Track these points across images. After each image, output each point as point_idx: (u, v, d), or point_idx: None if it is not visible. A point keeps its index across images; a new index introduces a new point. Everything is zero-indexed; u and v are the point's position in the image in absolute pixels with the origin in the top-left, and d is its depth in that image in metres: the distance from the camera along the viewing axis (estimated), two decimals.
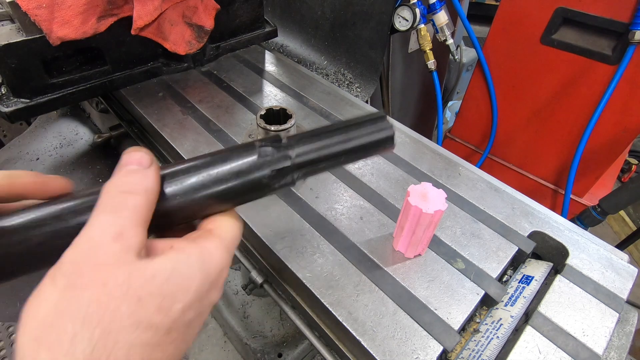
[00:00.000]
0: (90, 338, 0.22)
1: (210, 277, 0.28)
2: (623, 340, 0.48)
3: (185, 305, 0.26)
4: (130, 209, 0.27)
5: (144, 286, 0.24)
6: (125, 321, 0.23)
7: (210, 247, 0.29)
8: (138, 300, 0.24)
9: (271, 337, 1.29)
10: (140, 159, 0.29)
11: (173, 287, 0.26)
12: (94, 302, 0.23)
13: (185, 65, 0.86)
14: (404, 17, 1.01)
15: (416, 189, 0.46)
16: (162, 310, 0.25)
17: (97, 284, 0.23)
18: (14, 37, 0.64)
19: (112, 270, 0.24)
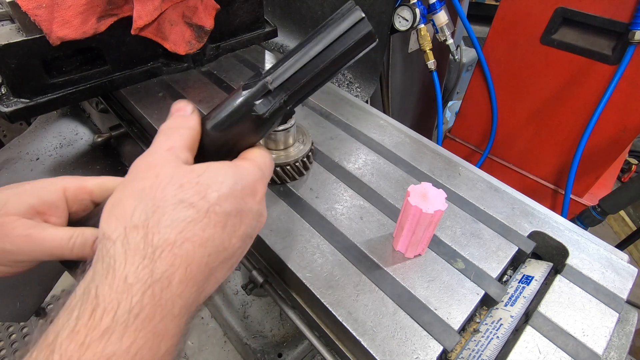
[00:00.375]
0: (145, 210, 0.30)
1: (243, 182, 0.34)
2: (623, 340, 0.48)
3: (220, 195, 0.32)
4: (179, 136, 0.35)
5: (185, 176, 0.32)
6: (171, 199, 0.30)
7: (242, 163, 0.36)
8: (180, 186, 0.31)
9: (271, 337, 1.29)
10: (184, 107, 0.38)
11: (208, 180, 0.32)
12: (148, 187, 0.31)
13: (185, 65, 0.86)
14: (404, 17, 1.01)
15: (416, 189, 0.46)
16: (200, 194, 0.31)
17: (151, 175, 0.32)
18: (14, 37, 0.64)
19: (162, 167, 0.32)
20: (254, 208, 0.35)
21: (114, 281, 0.27)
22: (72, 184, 0.43)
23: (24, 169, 0.72)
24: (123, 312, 0.26)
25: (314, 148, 0.65)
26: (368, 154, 0.68)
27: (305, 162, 0.62)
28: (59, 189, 0.42)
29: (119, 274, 0.27)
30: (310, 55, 0.36)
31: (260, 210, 0.37)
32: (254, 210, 0.35)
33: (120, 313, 0.26)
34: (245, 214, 0.34)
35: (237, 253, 0.35)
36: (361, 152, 0.69)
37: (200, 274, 0.31)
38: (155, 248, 0.28)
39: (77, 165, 0.75)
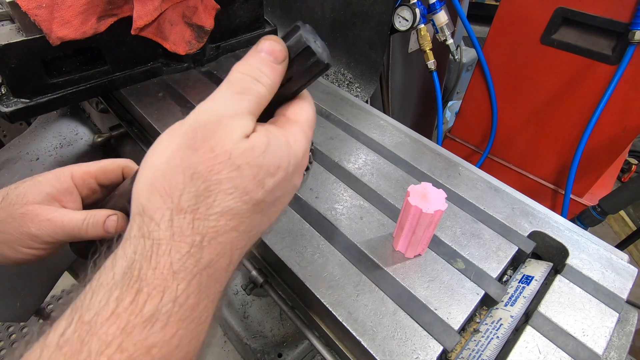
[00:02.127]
0: (196, 192, 0.26)
1: (297, 159, 0.31)
2: (623, 340, 0.48)
3: (276, 181, 0.29)
4: (253, 95, 0.29)
5: (244, 155, 0.27)
6: (225, 185, 0.27)
7: (293, 131, 0.31)
8: (237, 168, 0.27)
9: (271, 337, 1.29)
10: (278, 53, 0.30)
11: (267, 162, 0.28)
12: (202, 163, 0.27)
13: (185, 65, 0.86)
14: (404, 17, 1.01)
15: (416, 189, 0.46)
16: (256, 181, 0.28)
17: (207, 148, 0.27)
18: (14, 37, 0.64)
19: (220, 139, 0.27)
20: (298, 184, 0.33)
21: (158, 266, 0.25)
22: (78, 170, 0.47)
23: (24, 169, 0.72)
24: (168, 301, 0.25)
25: (314, 148, 0.64)
26: (368, 154, 0.68)
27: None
28: (68, 176, 0.46)
29: (163, 259, 0.26)
30: None
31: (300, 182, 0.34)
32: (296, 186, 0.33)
33: (165, 301, 0.25)
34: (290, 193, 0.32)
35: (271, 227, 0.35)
36: (361, 152, 0.69)
37: (239, 258, 0.30)
38: (204, 236, 0.27)
39: None
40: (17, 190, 0.44)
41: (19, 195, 0.43)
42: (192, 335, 0.26)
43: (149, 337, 0.24)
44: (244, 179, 0.27)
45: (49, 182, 0.45)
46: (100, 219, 0.44)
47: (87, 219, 0.43)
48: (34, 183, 0.45)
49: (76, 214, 0.44)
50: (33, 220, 0.42)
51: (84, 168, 0.47)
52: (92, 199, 0.49)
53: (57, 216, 0.43)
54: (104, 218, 0.44)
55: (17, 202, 0.43)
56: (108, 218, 0.44)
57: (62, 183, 0.45)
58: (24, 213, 0.42)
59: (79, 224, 0.43)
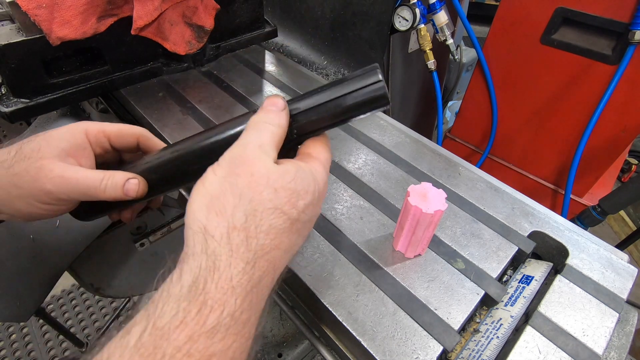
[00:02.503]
0: (245, 210, 0.30)
1: (319, 188, 0.36)
2: (623, 340, 0.48)
3: (306, 203, 0.33)
4: (269, 132, 0.35)
5: (278, 180, 0.32)
6: (268, 204, 0.31)
7: (315, 165, 0.37)
8: (275, 191, 0.32)
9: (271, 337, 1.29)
10: (278, 102, 0.38)
11: (298, 186, 0.33)
12: (246, 185, 0.31)
13: (185, 65, 0.86)
14: (404, 17, 1.01)
15: (416, 189, 0.46)
16: (291, 202, 0.32)
17: (247, 173, 0.32)
18: (14, 37, 0.64)
19: (256, 164, 0.32)
20: (318, 213, 0.37)
21: (219, 281, 0.28)
22: (93, 127, 0.47)
23: None
24: (227, 314, 0.27)
25: None
26: (368, 154, 0.68)
27: None
28: (82, 132, 0.46)
29: (224, 275, 0.28)
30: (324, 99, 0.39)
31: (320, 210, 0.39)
32: (319, 214, 0.38)
33: (225, 314, 0.27)
34: (315, 217, 0.36)
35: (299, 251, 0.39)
36: (361, 152, 0.69)
37: (278, 276, 0.33)
38: (255, 253, 0.30)
39: None
40: (31, 144, 0.43)
41: (33, 150, 0.42)
42: (243, 349, 0.29)
43: (210, 346, 0.26)
44: (281, 200, 0.32)
45: (63, 137, 0.44)
46: (120, 180, 0.43)
47: (105, 178, 0.43)
48: (47, 137, 0.44)
49: (93, 173, 0.43)
50: (47, 176, 0.42)
51: (99, 126, 0.47)
52: (104, 159, 0.49)
53: (71, 173, 0.42)
54: (124, 180, 0.43)
55: (32, 156, 0.42)
56: (128, 181, 0.44)
57: (76, 138, 0.45)
58: (38, 167, 0.42)
59: (96, 183, 0.42)
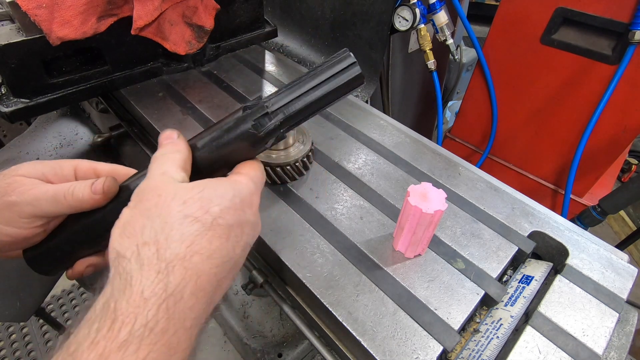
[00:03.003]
0: (154, 226, 0.31)
1: (241, 195, 0.36)
2: (623, 340, 0.48)
3: (222, 208, 0.34)
4: (170, 160, 0.37)
5: (187, 193, 0.33)
6: (176, 215, 0.32)
7: (237, 178, 0.38)
8: (184, 202, 0.33)
9: (271, 337, 1.29)
10: (169, 135, 0.40)
11: (209, 195, 0.34)
12: (154, 205, 0.32)
13: (185, 65, 0.86)
14: (404, 17, 1.01)
15: (416, 189, 0.46)
16: (203, 208, 0.33)
17: (154, 195, 0.33)
18: (14, 37, 0.63)
19: (163, 187, 0.34)
20: (252, 219, 0.37)
21: (131, 296, 0.28)
22: (84, 164, 0.46)
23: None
24: (139, 326, 0.27)
25: (314, 148, 0.65)
26: (368, 154, 0.68)
27: (305, 162, 0.62)
28: (71, 166, 0.45)
29: (135, 289, 0.28)
30: (306, 88, 0.41)
31: (257, 220, 0.39)
32: (251, 221, 0.37)
33: (137, 326, 0.27)
34: (245, 224, 0.36)
35: (240, 262, 0.37)
36: (361, 152, 0.69)
37: (209, 286, 0.32)
38: (168, 262, 0.30)
39: None
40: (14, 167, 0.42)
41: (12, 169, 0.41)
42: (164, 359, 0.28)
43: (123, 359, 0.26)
44: (191, 208, 0.32)
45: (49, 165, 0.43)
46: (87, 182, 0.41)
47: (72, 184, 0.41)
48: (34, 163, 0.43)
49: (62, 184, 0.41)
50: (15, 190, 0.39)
51: (91, 165, 0.45)
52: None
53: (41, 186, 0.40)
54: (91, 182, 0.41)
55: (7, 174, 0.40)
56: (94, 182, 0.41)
57: (63, 170, 0.44)
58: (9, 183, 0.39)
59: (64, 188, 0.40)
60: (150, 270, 0.29)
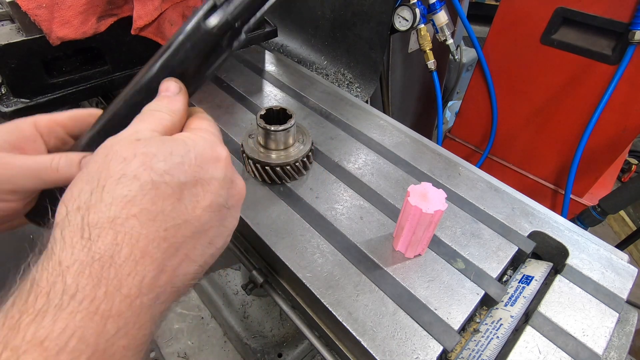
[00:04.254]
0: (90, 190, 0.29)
1: (197, 149, 0.33)
2: (623, 340, 0.48)
3: (171, 165, 0.31)
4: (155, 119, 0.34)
5: (129, 149, 0.30)
6: (115, 175, 0.29)
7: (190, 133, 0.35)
8: (124, 159, 0.30)
9: (271, 337, 1.29)
10: (170, 87, 0.37)
11: (154, 149, 0.31)
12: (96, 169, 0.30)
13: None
14: (404, 17, 1.01)
15: (416, 189, 0.46)
16: (144, 164, 0.30)
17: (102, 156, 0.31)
18: (14, 37, 0.64)
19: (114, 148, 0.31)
20: (219, 175, 0.33)
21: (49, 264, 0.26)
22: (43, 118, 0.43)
23: None
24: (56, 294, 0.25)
25: (314, 148, 0.65)
26: (368, 154, 0.68)
27: (305, 162, 0.62)
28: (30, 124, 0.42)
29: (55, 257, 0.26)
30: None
31: (229, 175, 0.35)
32: (219, 177, 0.33)
33: (52, 295, 0.25)
34: (208, 182, 0.32)
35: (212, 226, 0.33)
36: (361, 152, 0.69)
37: (156, 251, 0.29)
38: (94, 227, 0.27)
39: None
40: None
41: None
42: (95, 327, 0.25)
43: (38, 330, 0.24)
44: (132, 166, 0.29)
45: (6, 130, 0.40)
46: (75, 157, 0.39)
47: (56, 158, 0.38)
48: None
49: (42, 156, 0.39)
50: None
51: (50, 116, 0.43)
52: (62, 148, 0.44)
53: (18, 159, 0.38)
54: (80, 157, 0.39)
55: None
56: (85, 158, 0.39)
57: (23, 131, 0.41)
58: None
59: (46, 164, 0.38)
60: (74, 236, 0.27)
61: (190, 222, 0.31)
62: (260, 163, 0.59)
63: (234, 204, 0.36)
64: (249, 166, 0.61)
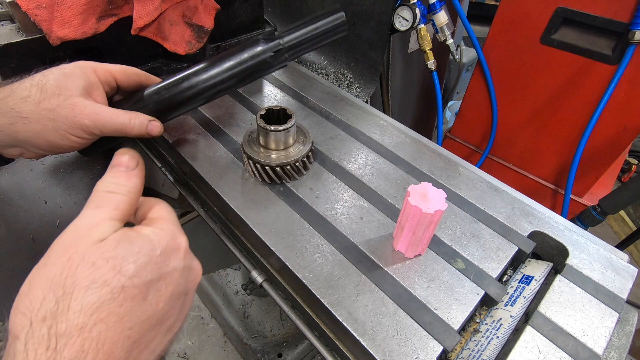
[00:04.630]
0: (55, 299, 0.28)
1: (161, 244, 0.33)
2: (623, 340, 0.48)
3: (138, 266, 0.31)
4: (111, 206, 0.34)
5: (97, 252, 0.30)
6: (82, 282, 0.29)
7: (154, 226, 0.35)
8: (92, 264, 0.29)
9: (271, 337, 1.30)
10: (127, 162, 0.37)
11: (124, 251, 0.31)
12: (58, 273, 0.29)
13: (185, 65, 0.86)
14: (404, 17, 1.01)
15: (416, 189, 0.46)
16: (115, 269, 0.30)
17: (64, 259, 0.30)
18: (14, 37, 0.64)
19: (76, 249, 0.30)
20: (179, 265, 0.34)
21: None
22: (100, 67, 0.52)
23: (24, 169, 0.72)
24: None
25: (314, 148, 0.65)
26: (368, 154, 0.68)
27: (305, 162, 0.62)
28: (92, 71, 0.51)
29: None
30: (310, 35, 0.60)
31: (188, 264, 0.36)
32: (179, 268, 0.34)
33: None
34: (170, 275, 0.33)
35: (172, 314, 0.34)
36: (361, 152, 0.69)
37: (120, 350, 0.29)
38: (61, 336, 0.27)
39: (77, 166, 0.76)
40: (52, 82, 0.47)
41: (59, 87, 0.47)
42: None
43: None
44: (101, 271, 0.29)
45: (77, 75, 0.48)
46: (144, 120, 0.52)
47: (132, 118, 0.50)
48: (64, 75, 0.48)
49: (121, 112, 0.50)
50: (83, 112, 0.47)
51: (105, 67, 0.52)
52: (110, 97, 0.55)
53: (104, 111, 0.48)
54: (148, 120, 0.52)
55: (61, 94, 0.47)
56: (150, 122, 0.53)
57: (89, 77, 0.50)
58: (72, 104, 0.47)
59: (125, 121, 0.50)
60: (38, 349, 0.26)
61: (153, 316, 0.32)
62: (260, 163, 0.59)
63: (192, 287, 0.37)
64: (249, 166, 0.61)
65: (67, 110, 0.47)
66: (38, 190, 0.70)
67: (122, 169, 0.36)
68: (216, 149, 0.67)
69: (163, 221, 0.36)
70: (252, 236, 0.56)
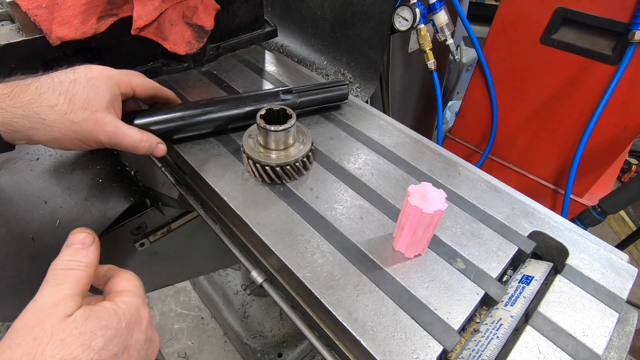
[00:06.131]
0: None
1: (126, 317, 0.35)
2: (623, 340, 0.48)
3: (106, 340, 0.32)
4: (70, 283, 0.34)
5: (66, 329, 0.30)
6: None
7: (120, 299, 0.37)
8: (61, 342, 0.30)
9: (271, 337, 1.30)
10: (83, 239, 0.38)
11: (91, 326, 0.32)
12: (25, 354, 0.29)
13: (185, 65, 0.86)
14: (404, 17, 1.01)
15: (416, 189, 0.46)
16: (84, 345, 0.30)
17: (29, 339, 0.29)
18: (14, 37, 0.64)
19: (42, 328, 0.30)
20: (141, 337, 0.36)
21: None
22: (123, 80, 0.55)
23: (24, 169, 0.72)
24: None
25: (314, 148, 0.65)
26: (368, 154, 0.68)
27: (305, 162, 0.62)
28: (116, 85, 0.54)
29: None
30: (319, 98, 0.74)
31: (149, 336, 0.38)
32: (141, 341, 0.36)
33: None
34: (133, 347, 0.35)
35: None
36: (361, 152, 0.69)
37: None
38: None
39: (77, 166, 0.76)
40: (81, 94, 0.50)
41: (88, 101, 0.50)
42: None
43: None
44: (70, 347, 0.30)
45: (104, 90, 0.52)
46: (153, 143, 0.56)
47: (143, 140, 0.54)
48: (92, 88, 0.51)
49: (135, 132, 0.54)
50: (102, 129, 0.51)
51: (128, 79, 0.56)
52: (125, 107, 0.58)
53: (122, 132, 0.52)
54: (156, 143, 0.56)
55: (88, 108, 0.50)
56: (157, 145, 0.57)
57: (114, 90, 0.53)
58: (95, 120, 0.50)
59: (136, 142, 0.54)
60: None
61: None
62: (260, 163, 0.59)
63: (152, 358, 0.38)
64: (249, 166, 0.61)
65: (90, 125, 0.50)
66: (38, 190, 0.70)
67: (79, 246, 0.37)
68: (216, 149, 0.67)
69: (128, 294, 0.38)
70: (252, 236, 0.56)
